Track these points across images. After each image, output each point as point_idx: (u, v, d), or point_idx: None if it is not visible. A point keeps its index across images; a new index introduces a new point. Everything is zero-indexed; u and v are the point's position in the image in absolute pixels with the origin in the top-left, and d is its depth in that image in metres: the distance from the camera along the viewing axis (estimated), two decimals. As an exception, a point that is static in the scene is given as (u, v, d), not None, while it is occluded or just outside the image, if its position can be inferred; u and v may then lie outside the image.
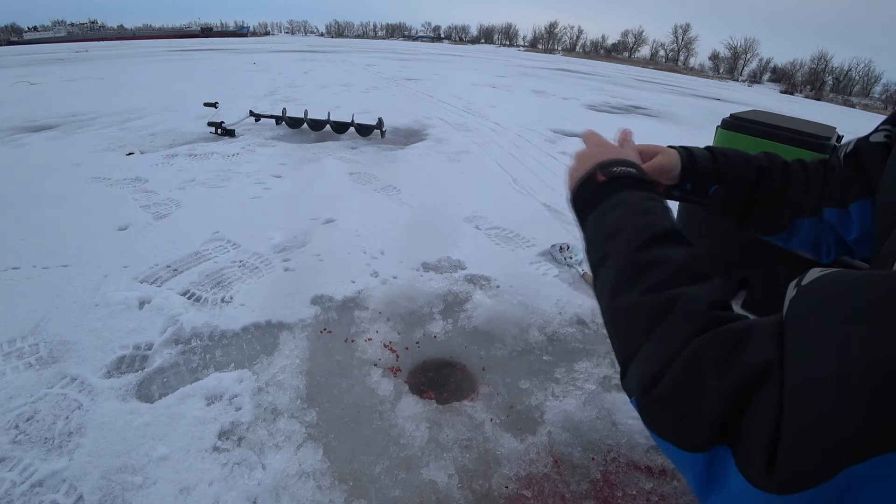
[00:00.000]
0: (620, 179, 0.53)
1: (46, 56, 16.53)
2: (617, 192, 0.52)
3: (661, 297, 0.41)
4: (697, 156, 0.67)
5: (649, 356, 0.39)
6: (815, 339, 0.29)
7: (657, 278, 0.43)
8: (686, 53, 71.26)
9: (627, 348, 0.42)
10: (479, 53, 33.80)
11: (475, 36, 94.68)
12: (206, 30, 66.82)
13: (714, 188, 0.67)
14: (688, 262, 0.45)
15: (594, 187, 0.54)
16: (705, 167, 0.66)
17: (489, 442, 1.36)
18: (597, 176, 0.54)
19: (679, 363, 0.36)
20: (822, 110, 16.57)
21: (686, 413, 0.34)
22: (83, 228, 2.50)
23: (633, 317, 0.42)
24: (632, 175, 0.54)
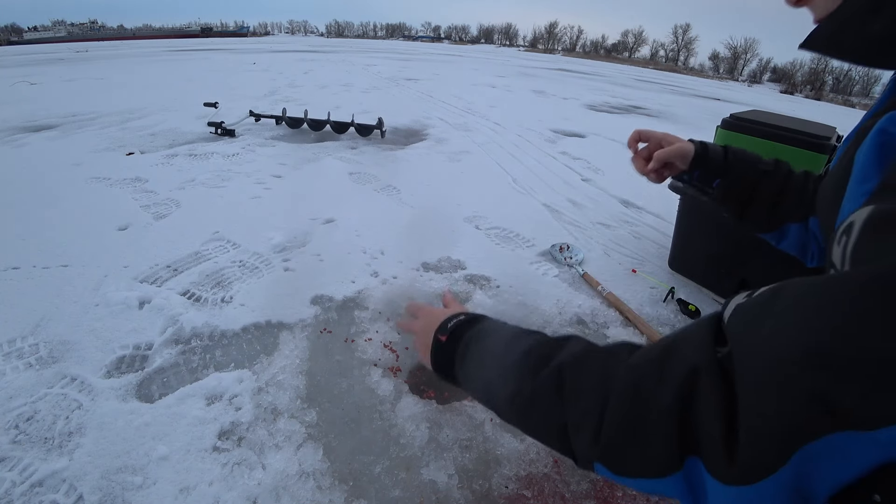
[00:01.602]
0: (458, 329, 0.61)
1: (46, 56, 16.53)
2: (460, 340, 0.59)
3: (545, 374, 0.44)
4: (711, 150, 0.76)
5: (578, 416, 0.41)
6: (768, 332, 0.31)
7: (531, 366, 0.47)
8: (686, 53, 71.26)
9: (557, 432, 0.44)
10: (479, 53, 33.79)
11: (475, 36, 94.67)
12: (206, 30, 66.84)
13: (717, 181, 0.76)
14: (543, 341, 0.50)
15: (442, 348, 0.61)
16: (716, 161, 0.75)
17: (489, 442, 1.36)
18: (439, 338, 0.62)
19: (617, 399, 0.38)
20: (822, 110, 16.56)
21: (644, 439, 0.36)
22: (83, 228, 2.50)
23: (538, 404, 0.45)
24: (462, 320, 0.62)
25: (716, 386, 0.32)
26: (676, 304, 2.10)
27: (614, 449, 0.38)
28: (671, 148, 0.75)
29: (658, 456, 0.35)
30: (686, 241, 2.30)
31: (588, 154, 4.77)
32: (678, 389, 0.34)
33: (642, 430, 0.36)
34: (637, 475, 0.37)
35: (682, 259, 2.35)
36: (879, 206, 0.33)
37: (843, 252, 0.35)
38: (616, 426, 0.37)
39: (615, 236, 2.80)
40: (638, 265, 2.46)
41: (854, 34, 0.42)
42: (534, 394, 0.45)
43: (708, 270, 2.22)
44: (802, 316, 0.29)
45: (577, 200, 3.39)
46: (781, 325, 0.30)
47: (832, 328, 0.27)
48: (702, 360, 0.34)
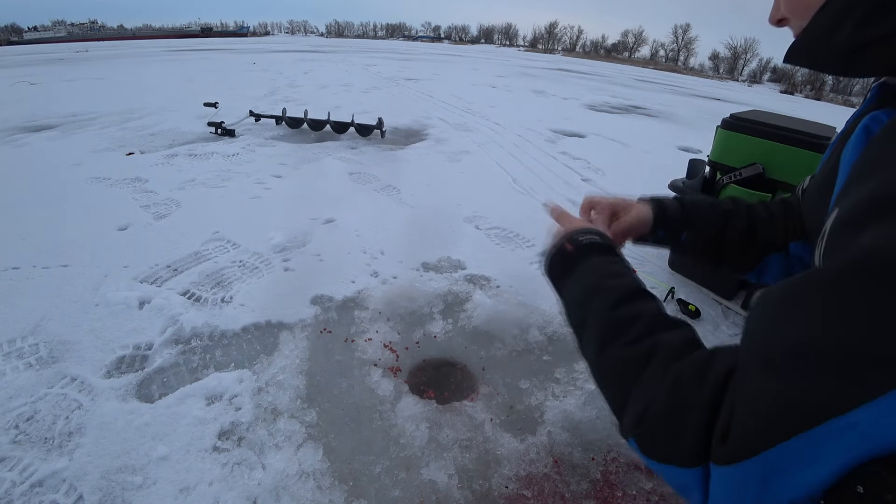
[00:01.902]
0: (587, 247, 0.60)
1: (46, 56, 16.54)
2: (585, 259, 0.59)
3: (641, 346, 0.47)
4: (668, 206, 0.75)
5: (639, 397, 0.44)
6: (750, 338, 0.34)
7: (634, 333, 0.48)
8: (686, 53, 71.27)
9: (619, 398, 0.47)
10: (479, 53, 33.80)
11: (475, 36, 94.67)
12: (206, 30, 66.83)
13: (684, 235, 0.75)
14: (658, 315, 0.51)
15: (565, 256, 0.61)
16: (675, 216, 0.74)
17: (489, 442, 1.36)
18: (566, 246, 0.61)
19: (663, 389, 0.41)
20: (822, 110, 16.56)
21: (677, 427, 0.38)
22: (83, 228, 2.50)
23: (620, 369, 0.48)
24: (597, 242, 0.61)
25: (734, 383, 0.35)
26: (676, 304, 2.09)
27: (650, 427, 0.41)
28: (629, 219, 0.75)
29: (687, 444, 0.37)
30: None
31: (588, 154, 4.77)
32: (714, 387, 0.37)
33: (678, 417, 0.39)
34: (662, 459, 0.40)
35: (682, 259, 2.35)
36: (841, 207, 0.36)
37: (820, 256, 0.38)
38: (658, 412, 0.40)
39: (615, 236, 2.80)
40: (638, 265, 2.46)
41: (823, 48, 0.45)
42: (620, 359, 0.48)
43: (708, 270, 2.22)
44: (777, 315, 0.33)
45: (577, 200, 3.38)
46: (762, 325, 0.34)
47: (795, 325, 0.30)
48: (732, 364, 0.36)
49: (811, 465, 0.29)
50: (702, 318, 2.02)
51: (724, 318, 2.06)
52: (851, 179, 0.39)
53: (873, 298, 0.27)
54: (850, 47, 0.42)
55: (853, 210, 0.34)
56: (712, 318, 2.04)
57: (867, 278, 0.28)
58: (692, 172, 2.41)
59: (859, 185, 0.37)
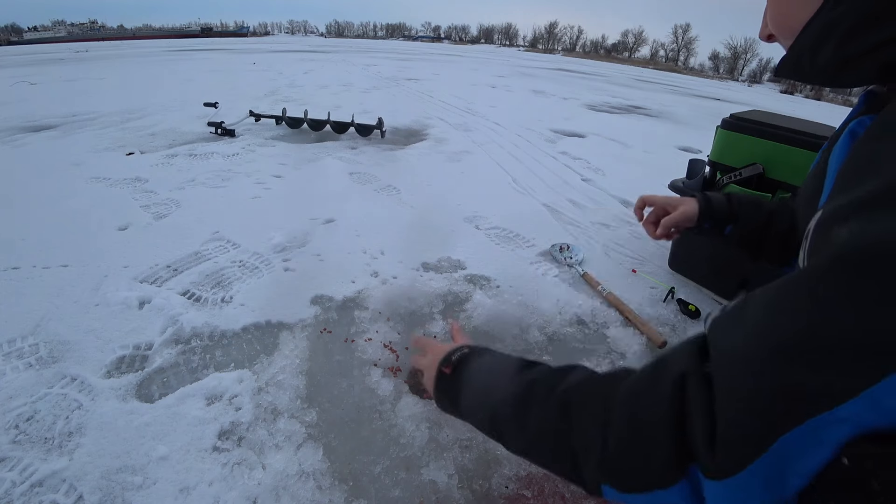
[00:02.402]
0: (461, 361, 0.62)
1: (46, 56, 16.53)
2: (464, 372, 0.61)
3: (552, 402, 0.46)
4: (714, 202, 0.80)
5: (585, 443, 0.43)
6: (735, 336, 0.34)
7: (538, 397, 0.49)
8: (686, 53, 71.25)
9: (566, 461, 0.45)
10: (479, 53, 33.79)
11: (475, 36, 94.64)
12: (206, 30, 66.83)
13: (729, 228, 0.80)
14: (546, 373, 0.52)
15: (448, 381, 0.63)
16: (721, 210, 0.80)
17: (489, 442, 1.36)
18: (443, 372, 0.63)
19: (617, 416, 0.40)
20: (822, 110, 16.55)
21: (645, 450, 0.38)
22: (83, 228, 2.50)
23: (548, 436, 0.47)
24: (466, 354, 0.63)
25: (701, 389, 0.35)
26: (676, 304, 2.10)
27: (618, 465, 0.40)
28: (676, 214, 0.81)
29: (660, 465, 0.36)
30: (686, 241, 2.30)
31: (588, 154, 4.77)
32: (670, 398, 0.36)
33: (642, 441, 0.38)
34: (643, 489, 0.38)
35: (682, 259, 2.35)
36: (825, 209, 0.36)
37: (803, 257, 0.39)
38: (617, 443, 0.39)
39: (615, 236, 2.80)
40: (638, 265, 2.46)
41: (808, 63, 0.47)
42: (541, 423, 0.47)
43: (708, 270, 2.22)
44: (760, 318, 0.33)
45: (577, 200, 3.39)
46: (746, 329, 0.33)
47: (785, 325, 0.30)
48: (687, 369, 0.36)
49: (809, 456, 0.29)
50: (702, 318, 2.02)
51: (724, 318, 2.05)
52: (837, 183, 0.40)
53: (857, 288, 0.28)
54: (833, 63, 0.44)
55: (836, 209, 0.35)
56: (712, 318, 2.04)
57: (848, 269, 0.28)
58: (692, 172, 2.41)
59: (844, 187, 0.37)
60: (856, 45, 0.40)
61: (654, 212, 0.84)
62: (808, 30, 0.44)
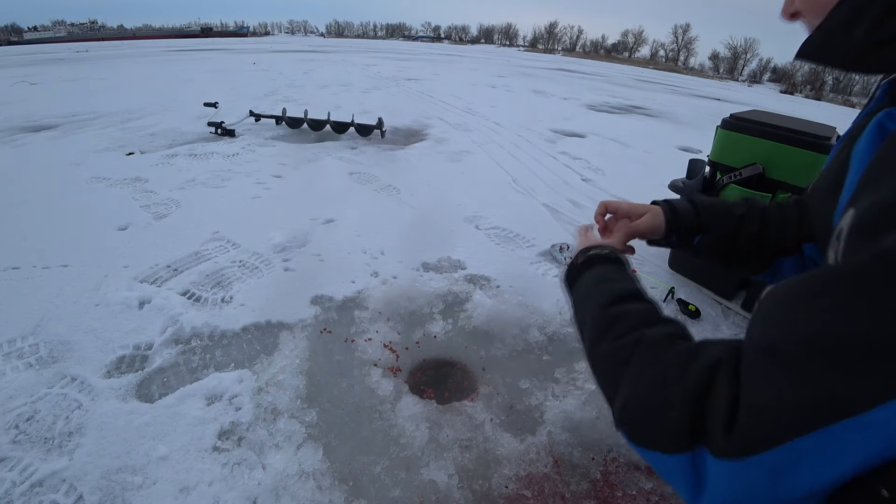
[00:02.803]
0: (593, 259, 0.67)
1: (46, 56, 16.54)
2: (590, 269, 0.66)
3: (626, 340, 0.50)
4: (680, 210, 0.77)
5: (625, 386, 0.46)
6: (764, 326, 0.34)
7: (622, 328, 0.52)
8: (686, 53, 71.28)
9: (609, 391, 0.49)
10: (479, 53, 33.80)
11: (475, 36, 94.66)
12: (206, 30, 66.82)
13: (697, 238, 0.77)
14: (646, 313, 0.54)
15: (575, 268, 0.69)
16: (688, 220, 0.76)
17: (489, 442, 1.36)
18: (577, 259, 0.69)
19: (646, 376, 0.43)
20: (822, 110, 16.56)
21: (659, 413, 0.40)
22: (83, 228, 2.50)
23: (608, 362, 0.51)
24: (601, 254, 0.68)
25: (730, 376, 0.35)
26: (676, 304, 2.09)
27: (636, 413, 0.42)
28: (639, 223, 0.77)
29: (673, 430, 0.38)
30: (686, 241, 2.30)
31: (588, 154, 4.77)
32: (698, 377, 0.37)
33: (663, 404, 0.39)
34: (648, 445, 0.41)
35: (682, 259, 2.34)
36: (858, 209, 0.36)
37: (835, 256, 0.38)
38: (644, 397, 0.42)
39: (615, 236, 2.80)
40: (638, 265, 2.46)
41: (837, 46, 0.45)
42: (609, 352, 0.51)
43: (708, 270, 2.22)
44: (787, 313, 0.32)
45: (577, 200, 3.39)
46: (775, 321, 0.33)
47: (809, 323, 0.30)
48: (725, 356, 0.37)
49: (827, 461, 0.28)
50: (702, 318, 2.02)
51: (724, 318, 2.06)
52: (867, 179, 0.39)
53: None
54: (865, 45, 0.42)
55: (873, 213, 0.34)
56: (712, 318, 2.04)
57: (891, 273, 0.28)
58: (692, 172, 2.41)
59: (878, 186, 0.36)
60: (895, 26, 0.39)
61: (612, 220, 0.81)
62: (844, 5, 0.42)
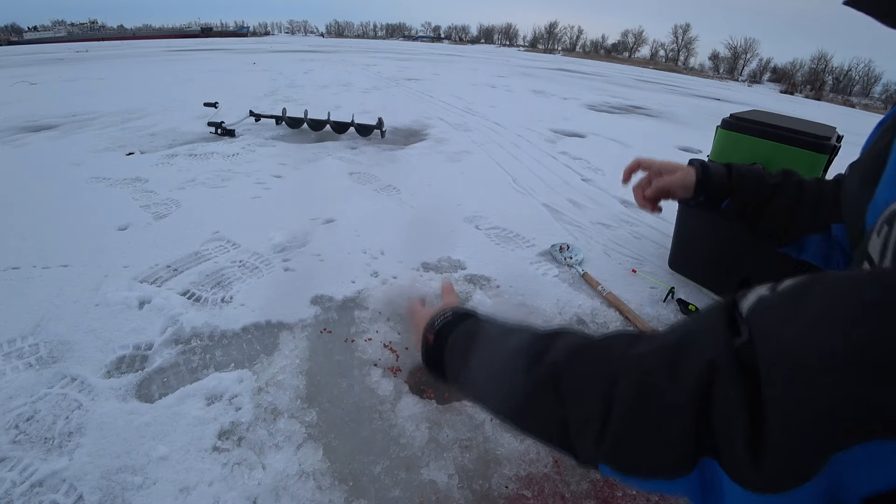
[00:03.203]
0: (445, 328, 0.60)
1: (46, 56, 16.53)
2: (448, 339, 0.58)
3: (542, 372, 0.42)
4: (713, 172, 0.73)
5: (580, 419, 0.38)
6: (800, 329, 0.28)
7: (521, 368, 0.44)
8: (686, 53, 71.31)
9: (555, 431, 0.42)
10: (479, 53, 33.80)
11: (475, 36, 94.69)
12: (206, 30, 66.88)
13: (726, 202, 0.74)
14: (534, 337, 0.48)
15: (433, 349, 0.60)
16: (719, 183, 0.73)
17: (489, 442, 1.36)
18: (428, 339, 0.61)
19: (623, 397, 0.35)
20: (822, 110, 16.57)
21: (655, 438, 0.34)
22: (83, 228, 2.50)
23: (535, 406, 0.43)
24: (449, 319, 0.61)
25: (736, 383, 0.30)
26: (676, 304, 2.10)
27: (622, 448, 0.36)
28: (670, 178, 0.73)
29: (670, 457, 0.33)
30: (686, 241, 2.30)
31: (588, 154, 4.77)
32: (693, 386, 0.31)
33: (653, 428, 0.34)
34: (647, 476, 0.35)
35: (682, 259, 2.35)
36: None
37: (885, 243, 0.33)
38: (624, 424, 0.35)
39: (615, 236, 2.80)
40: (638, 265, 2.46)
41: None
42: (529, 395, 0.43)
43: (708, 270, 2.22)
44: (840, 313, 0.27)
45: (577, 200, 3.39)
46: (816, 323, 0.28)
47: (873, 327, 0.25)
48: (719, 354, 0.31)
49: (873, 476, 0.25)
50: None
51: (724, 318, 2.05)
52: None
53: None
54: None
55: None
56: (712, 318, 2.04)
57: None
58: (692, 172, 2.41)
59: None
60: None
61: (646, 176, 0.76)
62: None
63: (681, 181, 0.73)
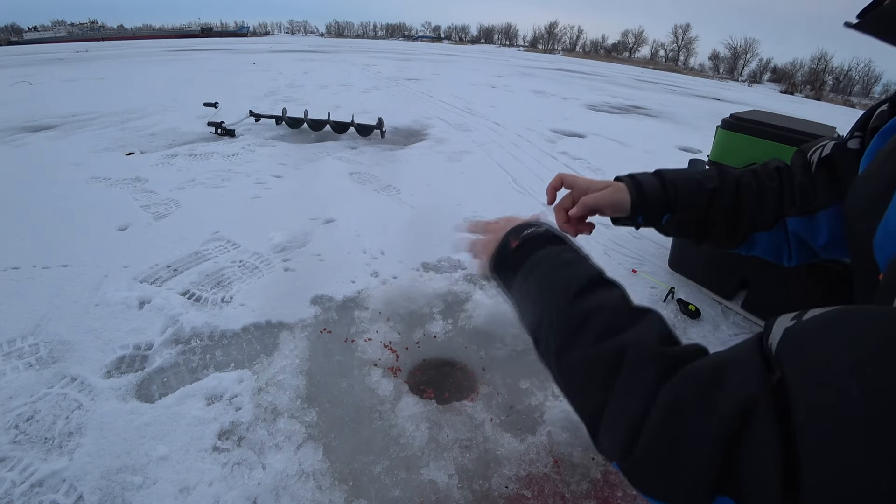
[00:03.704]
0: (534, 240, 0.54)
1: (46, 56, 16.53)
2: (533, 253, 0.53)
3: (607, 347, 0.40)
4: (647, 188, 0.66)
5: (617, 414, 0.37)
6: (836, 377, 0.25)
7: (597, 328, 0.42)
8: (686, 53, 71.32)
9: (589, 406, 0.40)
10: (479, 53, 33.80)
11: (475, 36, 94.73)
12: (206, 30, 66.90)
13: (666, 217, 0.67)
14: (620, 304, 0.45)
15: (510, 254, 0.55)
16: (655, 198, 0.66)
17: (489, 442, 1.36)
18: (510, 243, 0.56)
19: (656, 418, 0.34)
20: (822, 110, 16.56)
21: (677, 470, 0.32)
22: (83, 228, 2.50)
23: (585, 373, 0.41)
24: (543, 233, 0.55)
25: (770, 425, 0.27)
26: (676, 304, 2.09)
27: (643, 464, 0.35)
28: (598, 195, 0.66)
29: (690, 490, 0.31)
30: (686, 242, 2.29)
31: (588, 154, 4.77)
32: (727, 422, 0.29)
33: (678, 457, 0.32)
34: (659, 499, 0.34)
35: (682, 259, 2.35)
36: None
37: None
38: (653, 445, 0.34)
39: (615, 236, 2.80)
40: (638, 265, 2.46)
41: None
42: (585, 361, 0.41)
43: (708, 270, 2.22)
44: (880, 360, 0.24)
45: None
46: (853, 371, 0.25)
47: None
48: (755, 390, 0.29)
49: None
50: (702, 318, 2.02)
51: (724, 318, 2.05)
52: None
53: None
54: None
55: None
56: (712, 318, 2.04)
57: None
58: (692, 172, 2.41)
59: None
60: None
61: (569, 195, 0.70)
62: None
63: (609, 199, 0.66)
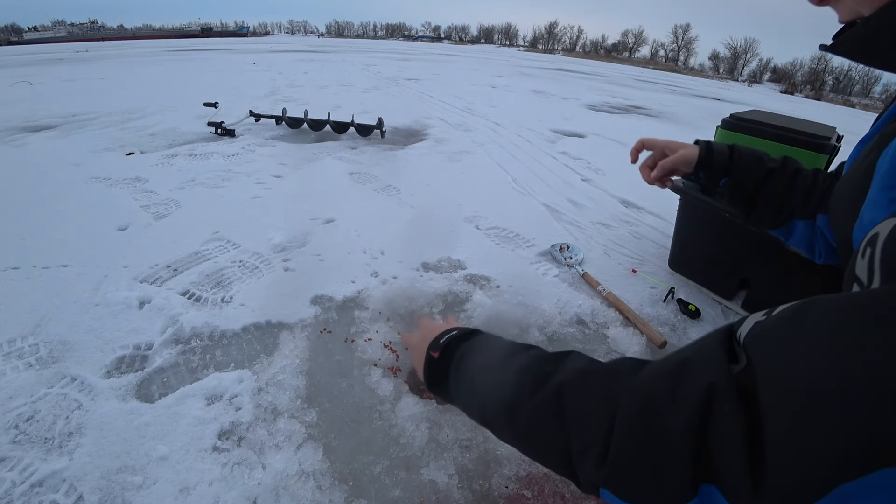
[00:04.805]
0: (449, 345, 0.60)
1: (46, 56, 16.53)
2: (454, 355, 0.58)
3: (547, 390, 0.42)
4: (716, 151, 0.77)
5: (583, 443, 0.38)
6: (799, 355, 0.27)
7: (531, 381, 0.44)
8: (686, 53, 71.34)
9: (556, 455, 0.41)
10: (478, 53, 33.79)
11: (475, 36, 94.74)
12: (206, 30, 66.90)
13: (724, 181, 0.77)
14: (542, 355, 0.48)
15: (436, 365, 0.60)
16: (720, 161, 0.76)
17: (489, 442, 1.36)
18: (432, 356, 0.61)
19: (623, 423, 0.35)
20: (822, 110, 16.56)
21: (655, 464, 0.33)
22: (83, 228, 2.50)
23: (539, 421, 0.42)
24: (455, 336, 0.61)
25: (734, 408, 0.29)
26: (676, 304, 2.09)
27: (622, 474, 0.36)
28: (674, 157, 0.78)
29: (671, 483, 0.33)
30: (686, 241, 2.30)
31: (588, 154, 4.77)
32: (692, 411, 0.31)
33: (653, 454, 0.33)
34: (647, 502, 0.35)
35: (682, 259, 2.35)
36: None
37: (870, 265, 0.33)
38: (624, 450, 0.35)
39: (615, 236, 2.80)
40: (638, 265, 2.46)
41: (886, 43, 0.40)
42: (532, 416, 0.43)
43: (708, 270, 2.22)
44: (837, 339, 0.26)
45: (577, 200, 3.39)
46: (813, 349, 0.27)
47: (870, 352, 0.24)
48: (717, 379, 0.31)
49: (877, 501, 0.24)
50: (702, 318, 2.03)
51: (723, 318, 2.05)
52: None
53: None
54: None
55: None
56: (712, 318, 2.04)
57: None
58: (692, 172, 2.41)
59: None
60: None
61: (652, 156, 0.83)
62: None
63: (683, 158, 0.77)
